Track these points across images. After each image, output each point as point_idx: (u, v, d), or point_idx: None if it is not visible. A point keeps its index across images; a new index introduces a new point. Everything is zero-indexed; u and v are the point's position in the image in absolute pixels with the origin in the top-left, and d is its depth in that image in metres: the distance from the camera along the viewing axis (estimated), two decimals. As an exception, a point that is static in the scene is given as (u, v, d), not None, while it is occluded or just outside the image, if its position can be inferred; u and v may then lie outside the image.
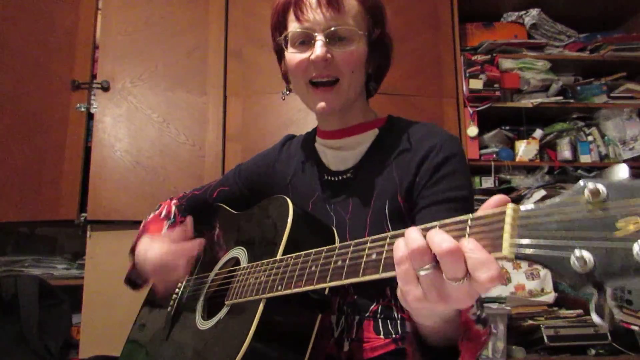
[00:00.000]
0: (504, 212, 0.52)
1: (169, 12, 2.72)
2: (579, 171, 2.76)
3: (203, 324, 1.00)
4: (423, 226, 0.59)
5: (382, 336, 0.99)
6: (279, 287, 0.82)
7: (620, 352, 2.39)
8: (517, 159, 2.76)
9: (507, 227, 0.51)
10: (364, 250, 0.68)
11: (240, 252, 1.06)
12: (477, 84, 2.70)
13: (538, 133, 2.80)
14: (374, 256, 0.66)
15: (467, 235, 0.55)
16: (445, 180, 0.97)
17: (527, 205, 0.51)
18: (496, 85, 2.70)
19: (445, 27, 2.79)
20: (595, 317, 0.44)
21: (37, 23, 2.64)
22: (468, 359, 0.74)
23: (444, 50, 2.76)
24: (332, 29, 1.00)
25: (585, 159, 2.77)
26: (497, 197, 0.56)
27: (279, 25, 1.09)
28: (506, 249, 0.50)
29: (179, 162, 2.58)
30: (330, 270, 0.72)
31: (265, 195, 1.21)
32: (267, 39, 2.87)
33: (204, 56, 2.70)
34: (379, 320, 1.01)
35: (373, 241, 0.68)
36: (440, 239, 0.54)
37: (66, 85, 2.57)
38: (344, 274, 0.69)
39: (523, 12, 2.91)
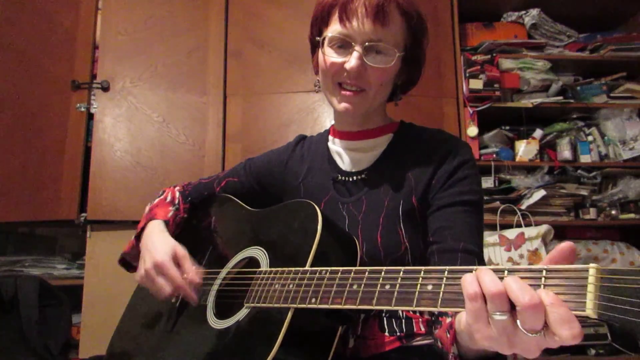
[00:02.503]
0: (586, 270, 0.53)
1: (169, 12, 2.72)
2: (579, 171, 2.77)
3: (217, 323, 0.98)
4: (493, 267, 0.59)
5: (387, 334, 1.00)
6: (313, 300, 0.80)
7: (620, 352, 2.39)
8: (517, 159, 2.76)
9: (591, 287, 0.52)
10: (417, 279, 0.68)
11: (259, 253, 1.04)
12: (477, 84, 2.70)
13: (538, 133, 2.81)
14: (429, 287, 0.66)
15: (542, 286, 0.56)
16: (460, 183, 1.02)
17: (610, 268, 0.52)
18: (496, 85, 2.70)
19: (445, 27, 2.79)
20: None
21: (37, 23, 2.64)
22: None
23: (444, 50, 2.77)
24: (372, 43, 1.01)
25: (585, 159, 2.77)
26: (569, 245, 0.58)
27: (321, 20, 1.09)
28: (590, 309, 0.51)
29: (179, 162, 2.58)
30: (377, 293, 0.72)
31: (276, 193, 1.23)
32: (267, 39, 2.87)
33: (204, 56, 2.70)
34: (384, 318, 1.02)
35: (427, 272, 0.67)
36: (519, 288, 0.54)
37: (66, 85, 2.57)
38: (393, 299, 0.69)
39: (523, 12, 2.91)
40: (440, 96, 2.71)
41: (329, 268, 0.83)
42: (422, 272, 0.68)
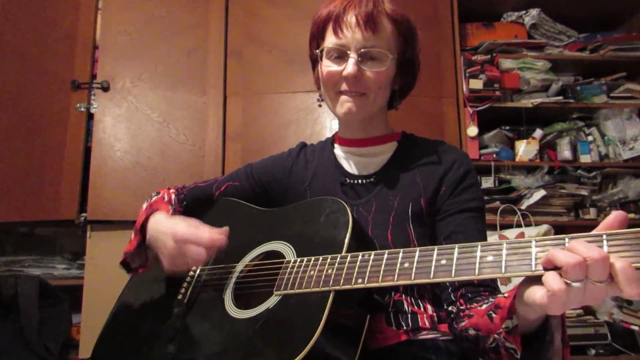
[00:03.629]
0: None
1: (169, 12, 2.72)
2: (579, 171, 2.76)
3: (240, 313, 0.97)
4: (557, 237, 0.68)
5: (394, 327, 1.02)
6: (359, 280, 0.83)
7: (620, 352, 2.39)
8: (517, 158, 2.76)
9: None
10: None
11: (281, 247, 1.05)
12: (477, 84, 2.70)
13: (538, 133, 2.80)
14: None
15: (604, 247, 0.63)
16: (468, 191, 1.11)
17: None
18: (496, 85, 2.70)
19: (445, 27, 2.79)
20: None
21: (37, 23, 2.64)
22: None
23: (444, 50, 2.76)
24: (366, 49, 1.08)
25: (585, 159, 2.77)
26: (622, 214, 0.65)
27: (317, 36, 1.17)
28: None
29: (179, 162, 2.58)
30: (433, 267, 0.77)
31: (278, 197, 1.26)
32: (267, 39, 2.87)
33: (204, 56, 2.70)
34: (391, 313, 1.04)
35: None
36: (587, 249, 0.62)
37: (66, 85, 2.57)
38: (453, 271, 0.75)
39: (523, 12, 2.90)
40: (440, 96, 2.71)
41: (372, 252, 0.86)
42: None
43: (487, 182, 2.71)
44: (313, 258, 0.93)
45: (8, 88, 2.56)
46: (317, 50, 1.15)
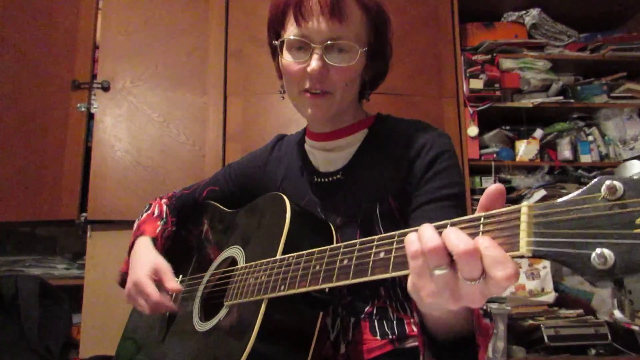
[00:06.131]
0: (518, 210, 0.53)
1: (169, 12, 2.72)
2: (580, 171, 2.77)
3: (202, 326, 0.99)
4: (436, 224, 0.59)
5: (378, 337, 0.98)
6: (282, 287, 0.81)
7: (620, 352, 2.39)
8: (518, 158, 2.77)
9: (524, 225, 0.51)
10: (370, 249, 0.67)
11: (236, 252, 1.05)
12: (477, 83, 2.70)
13: (538, 133, 2.81)
14: (382, 255, 0.65)
15: (480, 233, 0.55)
16: (438, 177, 0.97)
17: (542, 203, 0.51)
18: (496, 85, 2.70)
19: (445, 27, 2.79)
20: (617, 313, 0.44)
21: (37, 23, 2.63)
22: (482, 352, 0.74)
23: (444, 50, 2.76)
24: (332, 41, 0.96)
25: (585, 158, 2.78)
26: (494, 187, 0.57)
27: (277, 23, 1.04)
28: (523, 247, 0.51)
29: (179, 162, 2.58)
30: (336, 269, 0.72)
31: (257, 196, 1.20)
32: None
33: (204, 56, 2.70)
34: (375, 321, 1.00)
35: (380, 239, 0.67)
36: (456, 238, 0.54)
37: (66, 85, 2.57)
38: (351, 273, 0.69)
39: (523, 12, 2.91)
40: (441, 96, 2.71)
41: (295, 254, 0.82)
42: (376, 241, 0.67)
43: (487, 182, 2.71)
44: (253, 264, 0.91)
45: (8, 88, 2.55)
46: (277, 42, 1.03)
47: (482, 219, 0.56)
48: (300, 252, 0.81)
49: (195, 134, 2.62)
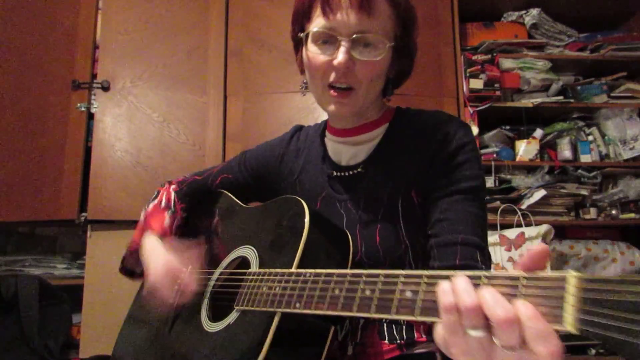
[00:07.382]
0: (564, 279, 0.48)
1: (169, 12, 2.72)
2: (580, 171, 2.77)
3: (210, 326, 0.98)
4: (469, 273, 0.55)
5: (386, 341, 0.97)
6: (297, 305, 0.78)
7: (621, 351, 2.38)
8: (518, 158, 2.76)
9: (571, 299, 0.47)
10: (395, 284, 0.63)
11: (249, 252, 1.02)
12: (477, 83, 2.70)
13: (538, 133, 2.81)
14: (408, 294, 0.61)
15: (519, 295, 0.51)
16: (458, 170, 0.95)
17: (593, 276, 0.46)
18: (496, 85, 2.70)
19: (445, 27, 2.79)
20: None
21: (37, 23, 2.64)
22: None
23: (444, 50, 2.76)
24: (359, 34, 0.94)
25: (585, 158, 2.77)
26: (540, 248, 0.53)
27: (303, 16, 1.03)
28: (569, 324, 0.46)
29: (179, 162, 2.58)
30: (357, 299, 0.68)
31: (272, 188, 1.18)
32: (267, 39, 2.85)
33: (204, 56, 2.70)
34: (384, 325, 0.98)
35: (407, 277, 0.63)
36: (494, 301, 0.50)
37: (66, 85, 2.57)
38: (373, 306, 0.65)
39: (523, 11, 2.91)
40: (441, 96, 2.71)
41: (312, 270, 0.80)
42: (402, 277, 0.63)
43: (488, 182, 2.70)
44: (267, 272, 0.89)
45: (8, 88, 2.56)
46: (302, 34, 1.02)
47: (522, 279, 0.51)
48: (319, 271, 0.78)
49: (195, 134, 2.62)
